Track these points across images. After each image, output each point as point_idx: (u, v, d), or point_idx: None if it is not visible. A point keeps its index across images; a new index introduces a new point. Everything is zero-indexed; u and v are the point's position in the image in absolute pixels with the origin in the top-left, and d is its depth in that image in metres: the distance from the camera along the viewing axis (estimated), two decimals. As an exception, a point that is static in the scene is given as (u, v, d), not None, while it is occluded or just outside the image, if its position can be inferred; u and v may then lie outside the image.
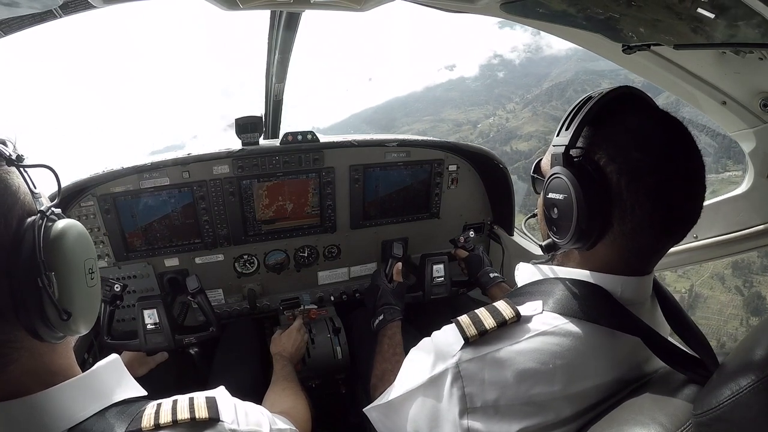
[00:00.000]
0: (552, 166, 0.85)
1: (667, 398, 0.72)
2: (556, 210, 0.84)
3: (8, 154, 0.60)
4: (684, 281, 34.06)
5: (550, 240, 0.90)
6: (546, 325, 0.81)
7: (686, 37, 1.03)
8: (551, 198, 0.84)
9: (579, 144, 0.81)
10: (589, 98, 0.82)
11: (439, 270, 1.88)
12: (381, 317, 1.53)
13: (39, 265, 0.58)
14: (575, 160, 0.81)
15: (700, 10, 0.84)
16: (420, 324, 1.79)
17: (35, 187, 0.64)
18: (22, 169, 0.62)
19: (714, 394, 0.59)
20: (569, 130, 0.81)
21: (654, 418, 0.68)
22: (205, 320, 1.75)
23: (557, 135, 0.84)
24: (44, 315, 0.59)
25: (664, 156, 0.74)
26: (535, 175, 1.00)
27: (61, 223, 0.63)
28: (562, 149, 0.82)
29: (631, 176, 0.75)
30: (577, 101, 0.85)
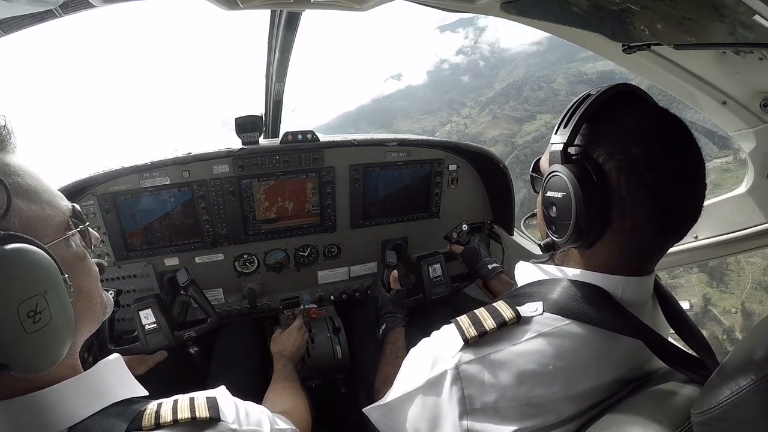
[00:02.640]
0: (550, 164, 0.84)
1: (667, 398, 0.73)
2: (554, 208, 0.83)
3: None
4: (730, 297, 32.72)
5: (549, 239, 0.90)
6: (546, 327, 0.81)
7: (687, 36, 1.03)
8: (550, 196, 0.84)
9: (577, 142, 0.81)
10: (588, 95, 0.82)
11: (436, 270, 1.87)
12: (383, 326, 1.54)
13: None
14: (573, 157, 0.80)
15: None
16: (421, 324, 1.79)
17: None
18: None
19: (714, 394, 0.59)
20: (567, 127, 0.81)
21: (654, 417, 0.68)
22: (204, 315, 1.74)
23: (555, 133, 0.84)
24: None
25: (663, 153, 0.74)
26: (534, 174, 0.99)
27: None
28: (560, 147, 0.81)
29: (630, 173, 0.74)
30: (575, 99, 0.84)
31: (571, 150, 0.81)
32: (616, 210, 0.76)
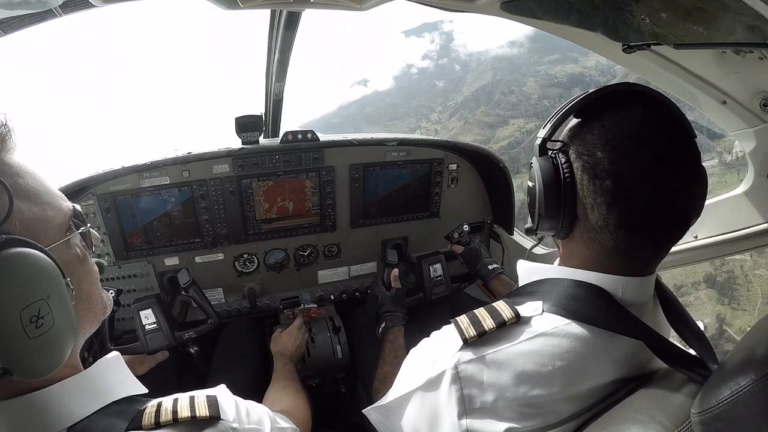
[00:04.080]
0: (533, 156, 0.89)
1: (667, 397, 0.73)
2: (528, 197, 0.90)
3: None
4: (743, 315, 32.43)
5: (529, 224, 0.94)
6: (546, 327, 0.81)
7: (687, 36, 1.03)
8: (528, 185, 0.90)
9: (562, 138, 0.84)
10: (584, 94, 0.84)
11: (436, 269, 1.87)
12: (383, 324, 1.54)
13: None
14: (550, 152, 0.84)
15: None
16: (421, 324, 1.79)
17: None
18: None
19: (713, 393, 0.59)
20: (549, 122, 0.85)
21: (653, 417, 0.68)
22: (206, 317, 1.75)
23: (543, 127, 0.88)
24: None
25: (628, 159, 0.73)
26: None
27: None
28: (539, 141, 0.85)
29: (590, 174, 0.76)
30: (573, 96, 0.86)
31: (550, 145, 0.85)
32: (579, 208, 0.80)
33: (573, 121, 0.84)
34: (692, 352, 0.82)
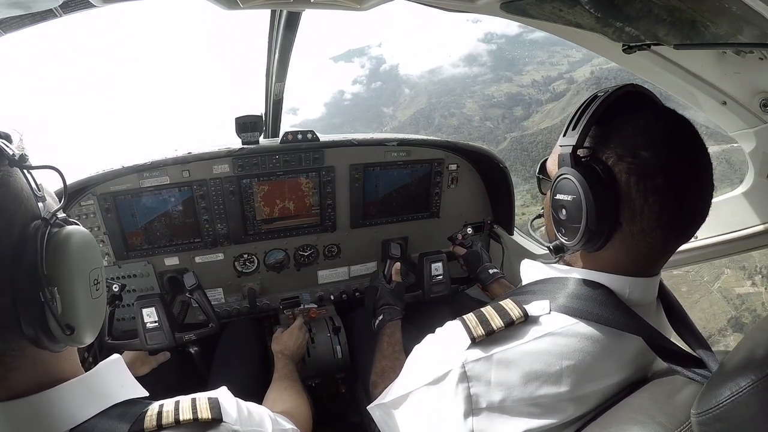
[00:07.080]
0: (559, 166, 0.83)
1: (667, 398, 0.73)
2: (564, 211, 0.82)
3: (11, 153, 0.57)
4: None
5: (558, 242, 0.88)
6: (554, 326, 0.80)
7: (687, 36, 1.03)
8: (559, 199, 0.83)
9: (586, 144, 0.80)
10: (595, 97, 0.81)
11: (437, 268, 1.87)
12: (381, 317, 1.54)
13: (41, 279, 0.55)
14: (583, 160, 0.80)
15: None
16: (420, 323, 1.79)
17: (39, 190, 0.60)
18: (25, 171, 0.59)
19: (713, 394, 0.59)
20: (576, 130, 0.80)
21: (653, 417, 0.68)
22: (205, 318, 1.75)
23: (563, 135, 0.83)
24: (47, 328, 0.57)
25: (672, 154, 0.74)
26: (541, 176, 0.99)
27: (66, 231, 0.60)
28: (569, 149, 0.80)
29: (639, 175, 0.73)
30: (583, 101, 0.83)
31: (581, 152, 0.80)
32: (625, 212, 0.76)
33: (592, 127, 0.80)
34: (693, 353, 0.82)
